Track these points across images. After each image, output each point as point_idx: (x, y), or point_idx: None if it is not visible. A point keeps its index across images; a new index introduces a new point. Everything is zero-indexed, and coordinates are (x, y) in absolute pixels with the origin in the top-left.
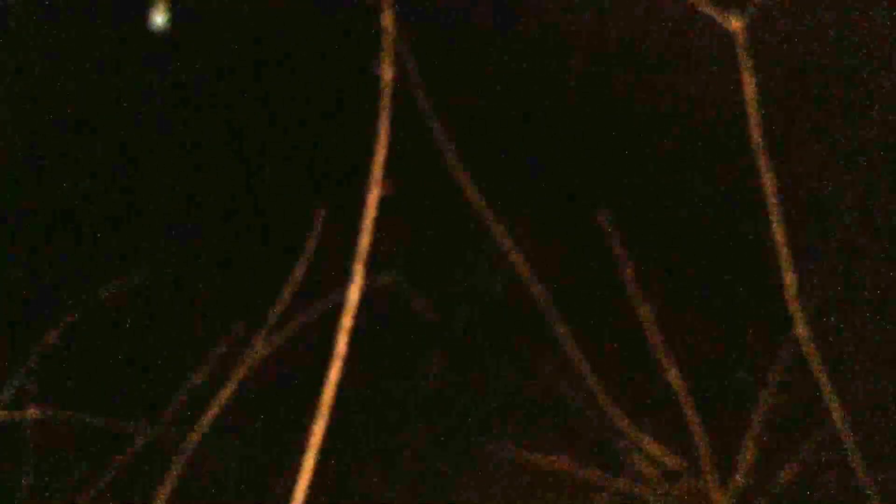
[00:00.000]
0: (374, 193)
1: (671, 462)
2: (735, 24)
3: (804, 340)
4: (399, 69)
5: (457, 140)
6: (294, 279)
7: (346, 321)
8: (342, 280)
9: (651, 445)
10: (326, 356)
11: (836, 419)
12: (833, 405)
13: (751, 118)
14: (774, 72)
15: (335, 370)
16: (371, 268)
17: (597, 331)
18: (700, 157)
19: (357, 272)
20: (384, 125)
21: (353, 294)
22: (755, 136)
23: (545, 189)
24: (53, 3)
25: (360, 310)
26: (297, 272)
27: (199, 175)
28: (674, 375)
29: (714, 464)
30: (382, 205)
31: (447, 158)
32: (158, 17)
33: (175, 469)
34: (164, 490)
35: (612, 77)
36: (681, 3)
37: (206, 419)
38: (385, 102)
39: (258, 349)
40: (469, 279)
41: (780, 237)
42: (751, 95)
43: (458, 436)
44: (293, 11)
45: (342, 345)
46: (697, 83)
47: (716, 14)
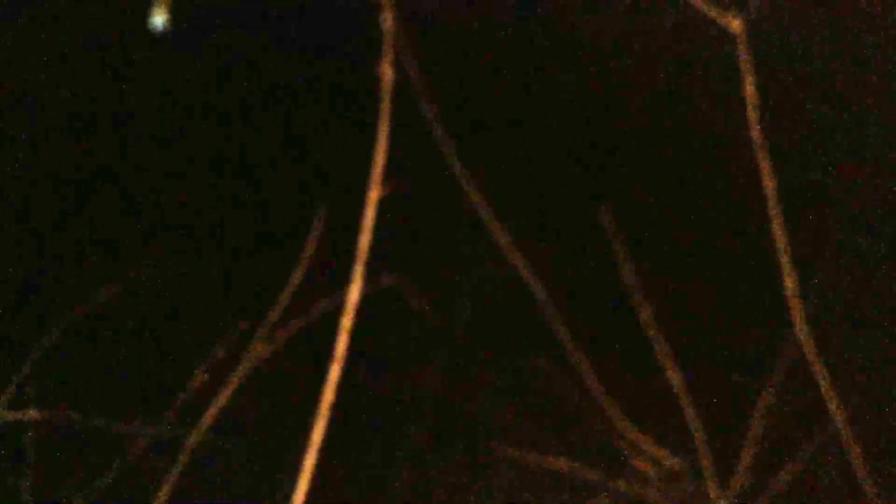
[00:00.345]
0: (374, 193)
1: (671, 462)
2: (735, 25)
3: (804, 341)
4: (399, 69)
5: (457, 140)
6: (294, 280)
7: (347, 321)
8: (342, 281)
9: (651, 446)
10: (327, 356)
11: (836, 419)
12: (833, 405)
13: (751, 118)
14: (774, 72)
15: (335, 370)
16: (371, 268)
17: (597, 331)
18: (700, 157)
19: (357, 273)
20: (384, 125)
21: (354, 294)
22: (755, 136)
23: (545, 189)
24: (53, 4)
25: (361, 310)
26: (298, 273)
27: (199, 175)
28: (674, 375)
29: (714, 464)
30: (382, 205)
31: (447, 158)
32: (158, 17)
33: (175, 469)
34: (165, 490)
35: (613, 77)
36: (681, 4)
37: (207, 419)
38: (385, 103)
39: (259, 349)
40: (469, 279)
41: (780, 237)
42: (751, 95)
43: (459, 436)
44: (293, 11)
45: (342, 345)
46: (697, 83)
47: (716, 14)
